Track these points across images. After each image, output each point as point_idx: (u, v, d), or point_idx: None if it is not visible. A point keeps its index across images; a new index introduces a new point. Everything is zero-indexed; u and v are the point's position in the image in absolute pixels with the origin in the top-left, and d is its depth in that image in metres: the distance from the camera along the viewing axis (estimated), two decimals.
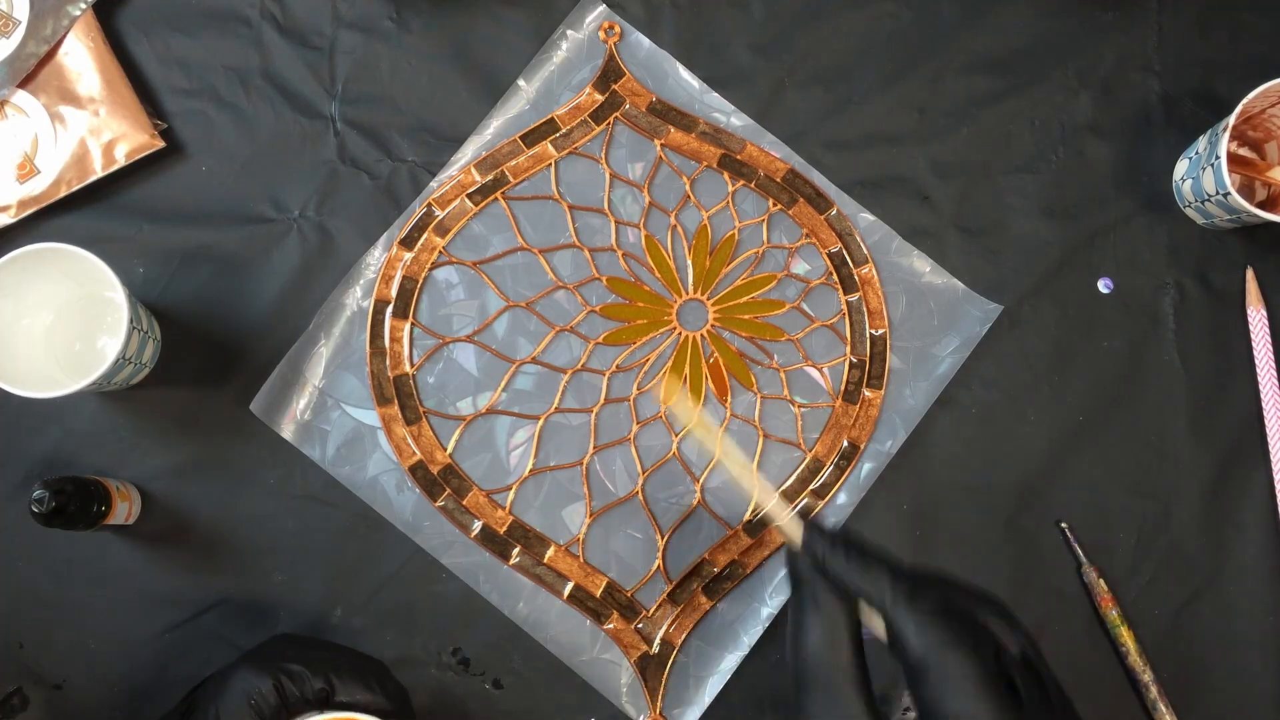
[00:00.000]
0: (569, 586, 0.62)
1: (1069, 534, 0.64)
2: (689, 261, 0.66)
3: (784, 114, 0.68)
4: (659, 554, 0.63)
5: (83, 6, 0.65)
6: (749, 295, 0.66)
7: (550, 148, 0.66)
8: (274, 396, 0.63)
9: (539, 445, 0.64)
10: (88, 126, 0.64)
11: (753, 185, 0.67)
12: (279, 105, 0.66)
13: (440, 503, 0.63)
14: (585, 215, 0.66)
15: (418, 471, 0.63)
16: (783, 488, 0.64)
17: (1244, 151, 0.67)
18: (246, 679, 0.51)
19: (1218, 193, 0.62)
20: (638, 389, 0.65)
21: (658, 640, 0.62)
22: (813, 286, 0.66)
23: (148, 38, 0.67)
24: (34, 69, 0.64)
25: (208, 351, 0.64)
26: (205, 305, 0.64)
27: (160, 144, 0.64)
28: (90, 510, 0.57)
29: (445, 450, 0.63)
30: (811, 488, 0.64)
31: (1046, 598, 0.63)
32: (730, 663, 0.62)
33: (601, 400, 0.64)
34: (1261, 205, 0.65)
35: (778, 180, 0.67)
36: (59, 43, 0.64)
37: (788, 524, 0.49)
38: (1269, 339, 0.65)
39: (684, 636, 0.62)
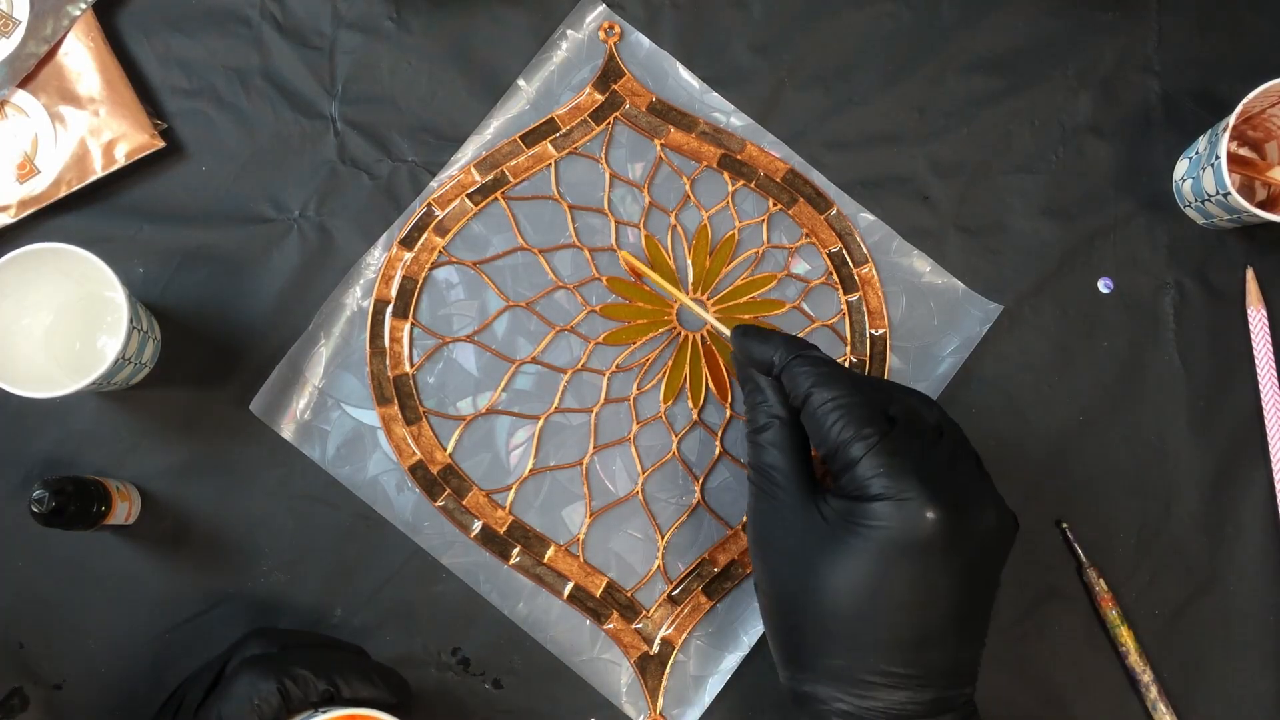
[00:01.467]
0: (569, 586, 0.62)
1: (1069, 534, 0.64)
2: (689, 261, 0.66)
3: (784, 114, 0.68)
4: (659, 554, 0.63)
5: (83, 6, 0.65)
6: (749, 295, 0.66)
7: (550, 148, 0.66)
8: (274, 396, 0.63)
9: (539, 445, 0.64)
10: (88, 126, 0.64)
11: (753, 185, 0.67)
12: (279, 105, 0.66)
13: (440, 503, 0.63)
14: (585, 215, 0.66)
15: (418, 471, 0.63)
16: None
17: (1244, 151, 0.67)
18: (252, 683, 0.51)
19: (1218, 193, 0.62)
20: (638, 389, 0.65)
21: (658, 640, 0.62)
22: (813, 286, 0.66)
23: (148, 38, 0.67)
24: (34, 69, 0.64)
25: (208, 351, 0.64)
26: (205, 305, 0.64)
27: (160, 144, 0.64)
28: (90, 510, 0.57)
29: (445, 450, 0.63)
30: None
31: (1046, 598, 0.63)
32: (730, 663, 0.62)
33: (601, 400, 0.64)
34: (1261, 205, 0.65)
35: (778, 180, 0.67)
36: (59, 43, 0.64)
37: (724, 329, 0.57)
38: (1269, 339, 0.65)
39: (684, 636, 0.62)
